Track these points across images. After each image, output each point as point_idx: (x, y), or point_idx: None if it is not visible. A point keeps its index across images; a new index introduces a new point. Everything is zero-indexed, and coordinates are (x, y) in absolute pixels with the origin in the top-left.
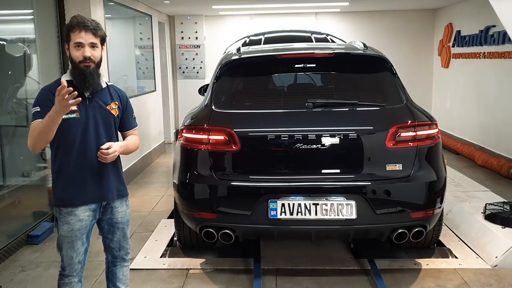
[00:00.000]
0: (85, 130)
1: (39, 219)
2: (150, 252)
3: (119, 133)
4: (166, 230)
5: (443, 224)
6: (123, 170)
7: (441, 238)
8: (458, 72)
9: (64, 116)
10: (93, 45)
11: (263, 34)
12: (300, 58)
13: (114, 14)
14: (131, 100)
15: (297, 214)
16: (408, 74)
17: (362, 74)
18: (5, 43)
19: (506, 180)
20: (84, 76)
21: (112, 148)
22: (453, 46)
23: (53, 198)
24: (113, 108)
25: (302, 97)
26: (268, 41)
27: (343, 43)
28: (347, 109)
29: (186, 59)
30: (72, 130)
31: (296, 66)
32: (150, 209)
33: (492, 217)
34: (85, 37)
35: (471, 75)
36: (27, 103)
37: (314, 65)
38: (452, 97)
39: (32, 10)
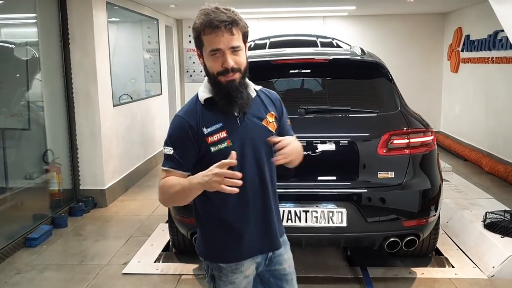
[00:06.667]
0: (242, 161)
1: (38, 221)
2: (145, 257)
3: None
4: (163, 234)
5: (443, 232)
6: (127, 173)
7: (439, 246)
8: (467, 77)
9: (212, 149)
10: (235, 49)
11: (268, 38)
12: (295, 63)
13: (121, 18)
14: (136, 103)
15: (287, 221)
16: (418, 78)
17: (357, 80)
18: (13, 46)
19: None
20: (228, 95)
21: (288, 141)
22: (462, 50)
23: (205, 252)
24: (270, 122)
25: (295, 103)
26: (273, 45)
27: (341, 48)
28: (339, 115)
29: (194, 62)
30: None
31: (291, 71)
32: (150, 213)
33: (491, 226)
34: (224, 40)
35: (480, 80)
36: (34, 105)
37: (309, 70)
38: (461, 102)
39: (35, 14)
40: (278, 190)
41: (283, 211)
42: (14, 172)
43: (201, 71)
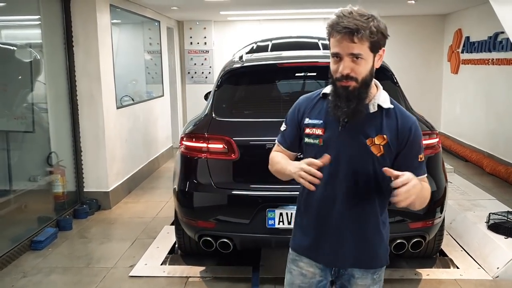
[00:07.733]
0: (326, 167)
1: (44, 224)
2: (151, 259)
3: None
4: (169, 236)
5: (447, 233)
6: (131, 175)
7: (443, 247)
8: (467, 78)
9: (305, 139)
10: (355, 56)
11: (270, 40)
12: (301, 66)
13: (123, 19)
14: (139, 105)
15: (289, 224)
16: (418, 79)
17: None
18: (17, 48)
19: None
20: (338, 99)
21: (406, 178)
22: (462, 52)
23: None
24: (376, 143)
25: None
26: (275, 47)
27: None
28: None
29: (195, 64)
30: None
31: (296, 74)
32: (154, 215)
33: (495, 227)
34: (344, 46)
35: (480, 81)
36: (38, 107)
37: (315, 73)
38: (461, 103)
39: (39, 16)
40: (279, 193)
41: (286, 213)
42: (18, 174)
43: (202, 72)
